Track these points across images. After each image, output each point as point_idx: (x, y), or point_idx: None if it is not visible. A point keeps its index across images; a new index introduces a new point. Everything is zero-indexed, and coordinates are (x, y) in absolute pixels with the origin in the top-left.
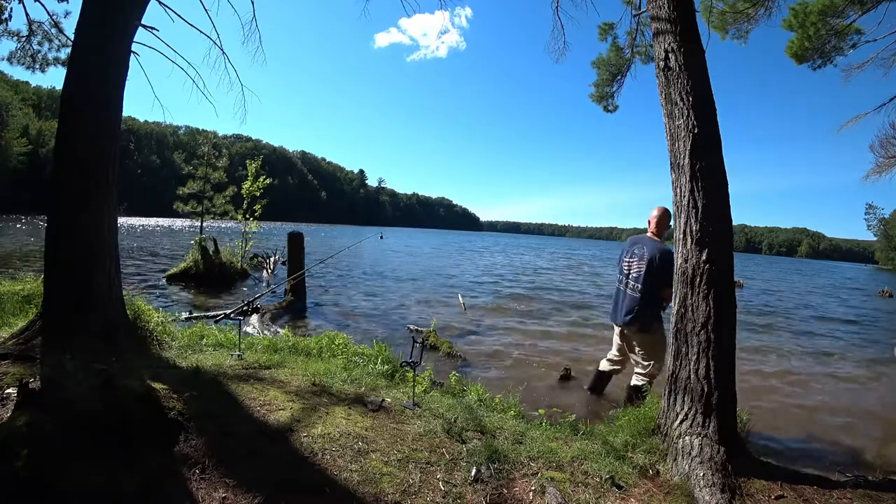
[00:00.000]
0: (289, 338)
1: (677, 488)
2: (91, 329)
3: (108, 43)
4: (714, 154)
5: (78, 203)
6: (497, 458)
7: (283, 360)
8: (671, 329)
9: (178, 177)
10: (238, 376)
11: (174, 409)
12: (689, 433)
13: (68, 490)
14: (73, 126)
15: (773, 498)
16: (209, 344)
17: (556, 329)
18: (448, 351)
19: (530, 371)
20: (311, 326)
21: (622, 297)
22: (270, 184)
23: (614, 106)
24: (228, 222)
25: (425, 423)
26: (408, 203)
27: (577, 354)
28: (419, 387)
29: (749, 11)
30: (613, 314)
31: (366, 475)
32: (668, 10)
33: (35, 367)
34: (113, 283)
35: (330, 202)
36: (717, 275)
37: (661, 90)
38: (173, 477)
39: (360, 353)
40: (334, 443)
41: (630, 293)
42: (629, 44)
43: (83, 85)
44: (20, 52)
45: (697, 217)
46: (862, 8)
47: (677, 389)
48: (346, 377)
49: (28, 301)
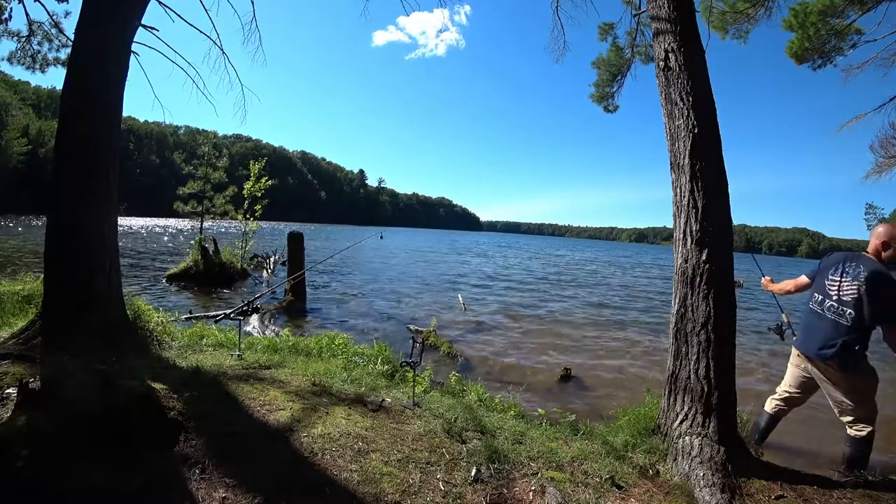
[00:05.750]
0: (289, 338)
1: (677, 488)
2: (91, 329)
3: (108, 43)
4: (714, 154)
5: (78, 203)
6: (497, 458)
7: (283, 361)
8: (671, 329)
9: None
10: (238, 376)
11: (174, 409)
12: (689, 433)
13: (68, 490)
14: (72, 126)
15: (773, 498)
16: (209, 344)
17: (556, 329)
18: (448, 351)
19: (530, 371)
20: (311, 326)
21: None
22: (271, 184)
23: (614, 106)
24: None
25: (425, 423)
26: (408, 203)
27: (577, 355)
28: (419, 387)
29: (749, 11)
30: (804, 343)
31: (366, 475)
32: (668, 10)
33: (35, 367)
34: (113, 282)
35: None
36: (717, 275)
37: (661, 90)
38: (173, 477)
39: (360, 353)
40: (334, 443)
41: (835, 319)
42: (629, 44)
43: (83, 85)
44: (20, 52)
45: (697, 217)
46: (862, 8)
47: (677, 389)
48: (347, 377)
49: (28, 301)
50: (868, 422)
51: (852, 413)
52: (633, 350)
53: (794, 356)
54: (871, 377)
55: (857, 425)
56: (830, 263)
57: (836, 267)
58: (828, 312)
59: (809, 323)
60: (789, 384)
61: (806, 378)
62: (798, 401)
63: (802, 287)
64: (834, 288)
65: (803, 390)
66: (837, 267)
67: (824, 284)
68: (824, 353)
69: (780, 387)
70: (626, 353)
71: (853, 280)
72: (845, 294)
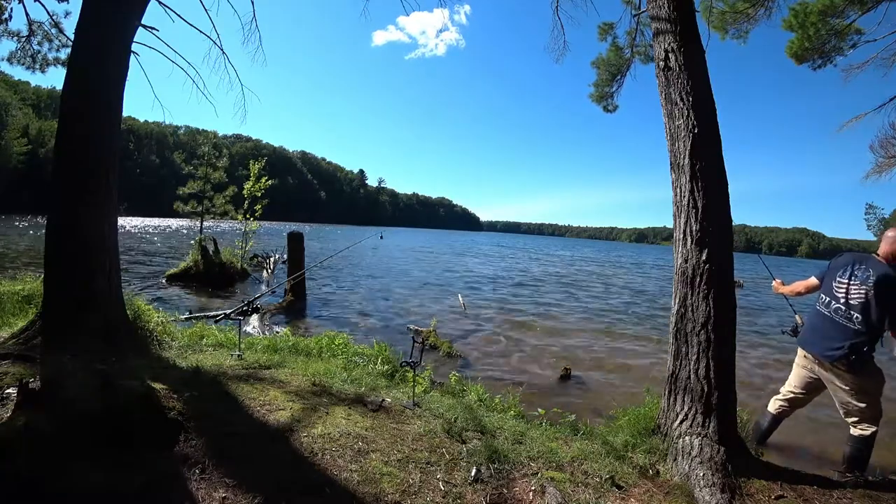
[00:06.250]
0: (289, 338)
1: (677, 488)
2: (91, 329)
3: (108, 43)
4: (714, 154)
5: (78, 203)
6: (497, 458)
7: (283, 360)
8: (671, 329)
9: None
10: (238, 376)
11: (174, 409)
12: (689, 433)
13: (68, 490)
14: (72, 126)
15: (773, 498)
16: (209, 344)
17: (556, 329)
18: (448, 351)
19: (530, 371)
20: (311, 326)
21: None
22: (271, 184)
23: (614, 106)
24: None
25: (425, 423)
26: (408, 203)
27: (577, 355)
28: (419, 387)
29: (749, 11)
30: (811, 343)
31: (366, 475)
32: (668, 10)
33: (35, 367)
34: (113, 282)
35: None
36: (718, 275)
37: (661, 90)
38: (173, 477)
39: (360, 353)
40: (334, 443)
41: (842, 322)
42: (629, 44)
43: (83, 85)
44: (20, 52)
45: (697, 217)
46: (862, 8)
47: (677, 389)
48: (346, 377)
49: (28, 301)
50: (873, 422)
51: (858, 413)
52: (633, 350)
53: (800, 357)
54: (878, 378)
55: (862, 425)
56: (839, 265)
57: (844, 269)
58: (835, 315)
59: (816, 324)
60: (794, 385)
61: (811, 379)
62: (802, 401)
63: (813, 288)
64: (842, 291)
65: (808, 391)
66: (846, 269)
67: (832, 286)
68: (832, 354)
69: (785, 387)
70: (626, 353)
71: (861, 284)
72: (853, 297)
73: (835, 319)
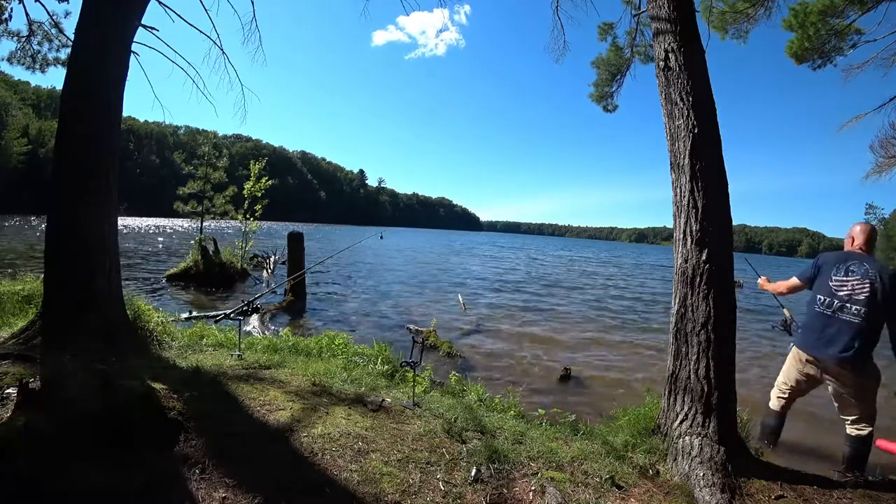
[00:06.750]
0: (289, 338)
1: (677, 488)
2: (91, 329)
3: (108, 43)
4: (714, 154)
5: (78, 203)
6: (497, 458)
7: (283, 360)
8: (671, 329)
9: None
10: (238, 376)
11: (174, 409)
12: (689, 433)
13: (68, 490)
14: (72, 126)
15: (773, 498)
16: (209, 344)
17: (556, 329)
18: (448, 351)
19: (530, 371)
20: (311, 326)
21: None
22: (271, 184)
23: (614, 105)
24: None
25: (425, 423)
26: (408, 203)
27: (577, 355)
28: (419, 387)
29: (749, 11)
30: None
31: (366, 475)
32: (668, 10)
33: (35, 367)
34: (113, 282)
35: (330, 202)
36: (717, 275)
37: (661, 90)
38: (173, 477)
39: (360, 353)
40: (334, 443)
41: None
42: (629, 44)
43: (83, 85)
44: (20, 52)
45: (697, 217)
46: (862, 8)
47: (677, 389)
48: (346, 377)
49: (28, 301)
50: (870, 421)
51: (856, 412)
52: (633, 350)
53: (796, 359)
54: (877, 377)
55: (859, 424)
56: (830, 264)
57: (836, 267)
58: (838, 313)
59: (817, 325)
60: (789, 378)
61: (808, 378)
62: (801, 393)
63: (794, 288)
64: (845, 288)
65: (803, 386)
66: (839, 267)
67: (829, 286)
68: (844, 356)
69: (779, 380)
70: (626, 353)
71: (863, 278)
72: (857, 293)
73: (840, 318)
